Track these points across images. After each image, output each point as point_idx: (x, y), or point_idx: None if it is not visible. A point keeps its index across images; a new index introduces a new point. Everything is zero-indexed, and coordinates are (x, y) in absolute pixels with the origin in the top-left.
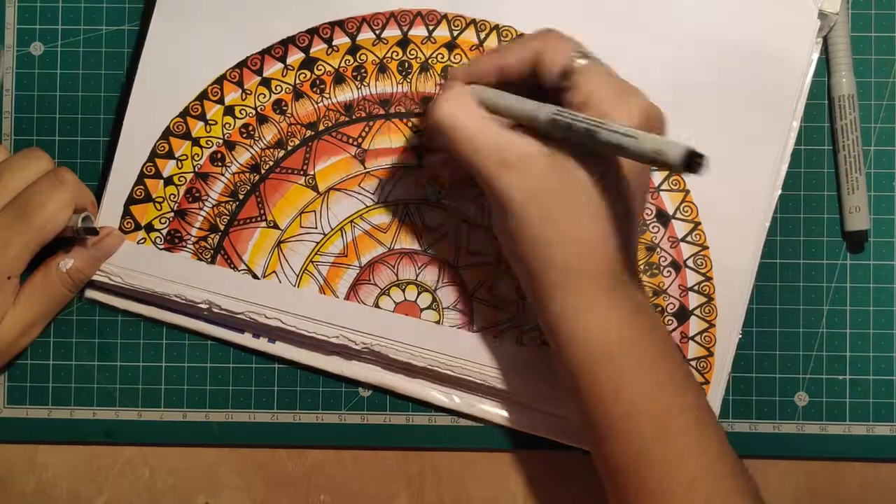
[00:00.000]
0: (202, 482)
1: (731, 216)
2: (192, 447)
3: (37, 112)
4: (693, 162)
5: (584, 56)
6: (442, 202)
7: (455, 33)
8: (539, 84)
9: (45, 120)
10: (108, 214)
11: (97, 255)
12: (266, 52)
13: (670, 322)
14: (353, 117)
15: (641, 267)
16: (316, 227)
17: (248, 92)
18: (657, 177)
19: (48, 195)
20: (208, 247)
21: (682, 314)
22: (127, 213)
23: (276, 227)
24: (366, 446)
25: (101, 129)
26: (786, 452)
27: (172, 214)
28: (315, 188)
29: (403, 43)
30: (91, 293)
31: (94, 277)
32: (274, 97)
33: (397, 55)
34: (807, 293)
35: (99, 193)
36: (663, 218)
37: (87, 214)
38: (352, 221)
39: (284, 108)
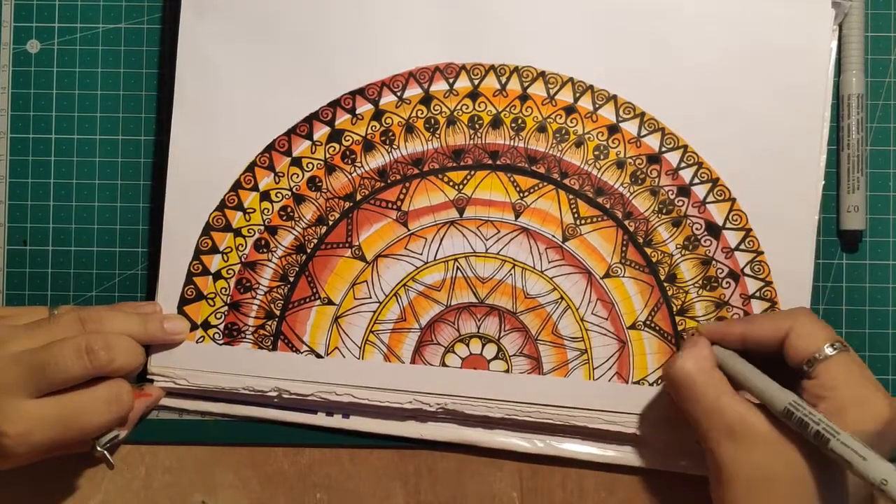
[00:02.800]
0: (199, 481)
1: (781, 216)
2: (189, 445)
3: (33, 110)
4: None
5: (833, 347)
6: None
7: (476, 82)
8: (784, 360)
9: (41, 118)
10: None
11: (134, 419)
12: (291, 132)
13: None
14: (389, 181)
15: (700, 282)
16: (370, 297)
17: (281, 174)
18: (701, 190)
19: (98, 413)
20: (267, 334)
21: None
22: (181, 314)
23: (330, 303)
24: (362, 445)
25: (97, 128)
26: None
27: (227, 308)
28: (363, 258)
29: (426, 100)
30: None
31: (160, 384)
32: (307, 175)
33: (422, 113)
34: None
35: (150, 299)
36: (714, 230)
37: (115, 435)
38: (404, 285)
39: (319, 184)
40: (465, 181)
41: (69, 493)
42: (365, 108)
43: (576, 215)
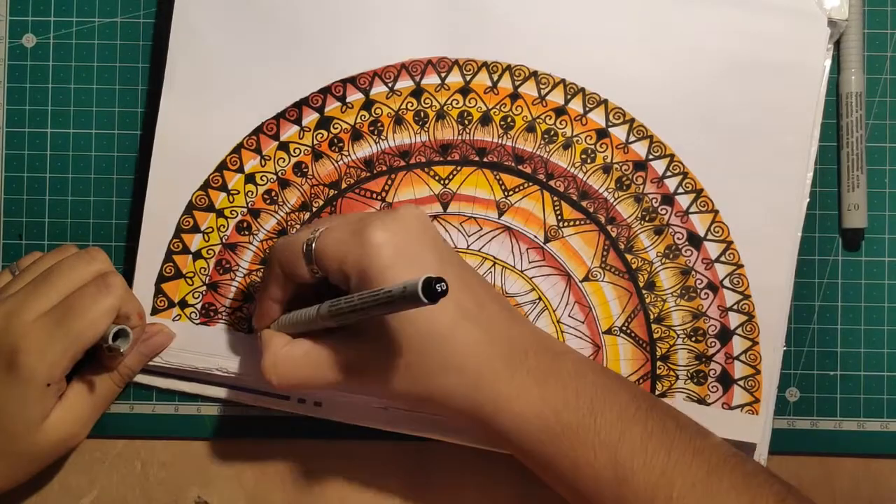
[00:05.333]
0: (194, 475)
1: (762, 231)
2: (184, 440)
3: (28, 104)
4: (433, 290)
5: (310, 241)
6: None
7: (468, 78)
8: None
9: (36, 112)
10: (140, 294)
11: (146, 352)
12: (281, 116)
13: (713, 344)
14: (375, 172)
15: (678, 291)
16: None
17: (267, 158)
18: (685, 200)
19: (91, 302)
20: (244, 316)
21: (725, 335)
22: (159, 291)
23: None
24: (358, 438)
25: (93, 122)
26: (777, 448)
27: (205, 288)
28: None
29: (417, 93)
30: None
31: None
32: (293, 160)
33: (412, 105)
34: (798, 289)
35: (129, 274)
36: (695, 240)
37: (121, 328)
38: None
39: (305, 169)
40: (450, 176)
41: (66, 489)
42: (355, 96)
43: (559, 217)
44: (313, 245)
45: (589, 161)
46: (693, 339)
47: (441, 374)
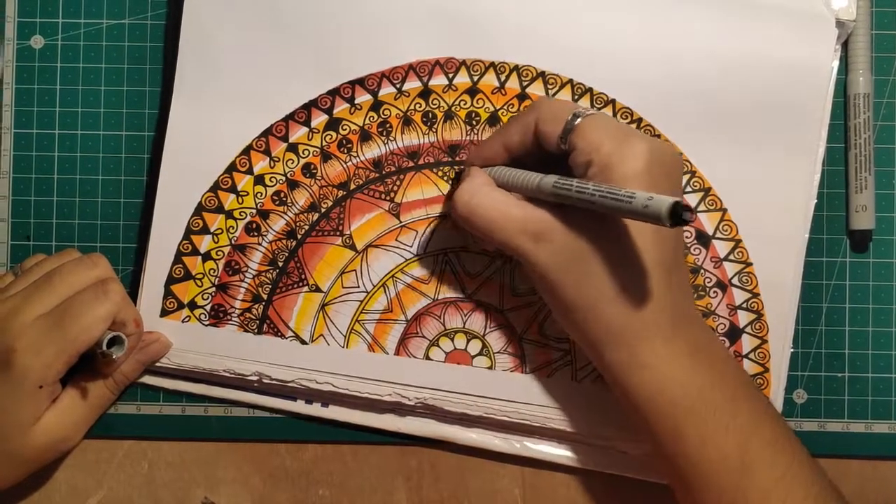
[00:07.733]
0: (201, 476)
1: (770, 230)
2: (191, 441)
3: (37, 106)
4: (678, 214)
5: (577, 115)
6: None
7: (475, 78)
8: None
9: (44, 114)
10: (150, 296)
11: (142, 360)
12: (289, 118)
13: (722, 342)
14: (383, 172)
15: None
16: (358, 286)
17: (276, 159)
18: (693, 199)
19: (87, 307)
20: (253, 318)
21: (734, 333)
22: (168, 293)
23: (318, 290)
24: (364, 441)
25: (101, 124)
26: None
27: (214, 289)
28: (353, 247)
29: (425, 93)
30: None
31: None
32: (302, 161)
33: (420, 106)
34: (806, 290)
35: (137, 276)
36: (703, 239)
37: (116, 334)
38: (393, 276)
39: (314, 171)
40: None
41: (73, 489)
42: (364, 98)
43: None
44: (578, 120)
45: None
46: None
47: (615, 299)
